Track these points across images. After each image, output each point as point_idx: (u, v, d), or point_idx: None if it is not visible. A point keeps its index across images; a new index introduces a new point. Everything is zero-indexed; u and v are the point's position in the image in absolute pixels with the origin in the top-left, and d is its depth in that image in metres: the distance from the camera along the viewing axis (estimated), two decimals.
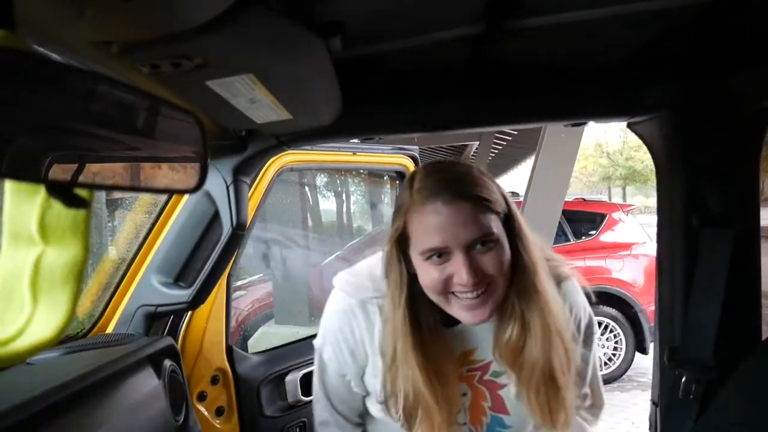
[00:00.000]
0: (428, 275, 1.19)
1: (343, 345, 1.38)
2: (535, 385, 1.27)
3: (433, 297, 1.22)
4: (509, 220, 1.23)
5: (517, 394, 1.32)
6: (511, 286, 1.24)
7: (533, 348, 1.24)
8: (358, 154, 2.57)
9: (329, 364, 1.42)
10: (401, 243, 1.25)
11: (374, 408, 1.42)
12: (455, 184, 1.18)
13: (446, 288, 1.19)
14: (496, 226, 1.18)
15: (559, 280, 1.35)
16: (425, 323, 1.27)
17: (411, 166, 2.79)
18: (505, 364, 1.30)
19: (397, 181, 3.04)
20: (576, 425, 1.44)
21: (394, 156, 2.76)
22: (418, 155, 2.83)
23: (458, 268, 1.15)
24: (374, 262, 1.38)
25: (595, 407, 1.51)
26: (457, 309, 1.21)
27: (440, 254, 1.17)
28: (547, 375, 1.25)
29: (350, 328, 1.37)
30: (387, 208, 3.04)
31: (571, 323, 1.37)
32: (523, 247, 1.24)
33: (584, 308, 1.41)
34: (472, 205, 1.15)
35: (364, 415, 1.52)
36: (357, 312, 1.36)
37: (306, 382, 2.24)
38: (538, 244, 1.29)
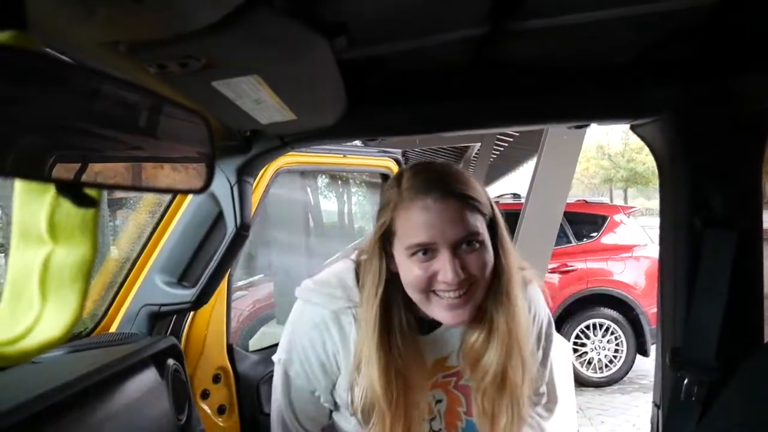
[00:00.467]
0: (412, 272, 1.19)
1: (314, 360, 1.34)
2: (483, 387, 1.28)
3: (414, 296, 1.22)
4: (493, 225, 1.24)
5: (473, 399, 1.32)
6: (488, 291, 1.24)
7: (493, 353, 1.24)
8: (347, 156, 2.66)
9: (296, 380, 1.37)
10: (385, 239, 1.25)
11: (344, 421, 1.40)
12: (445, 182, 1.18)
13: (429, 286, 1.18)
14: (482, 228, 1.19)
15: (524, 284, 1.35)
16: (396, 324, 1.25)
17: (394, 168, 2.90)
18: (466, 366, 1.31)
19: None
20: (535, 424, 1.48)
21: (379, 158, 2.86)
22: (401, 158, 2.96)
23: (444, 266, 1.15)
24: (341, 270, 1.37)
25: (550, 403, 1.53)
26: (437, 309, 1.20)
27: (426, 251, 1.17)
28: (498, 380, 1.25)
29: (321, 342, 1.32)
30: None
31: (534, 326, 1.39)
32: (504, 253, 1.24)
33: (545, 310, 1.43)
34: (461, 204, 1.16)
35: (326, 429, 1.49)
36: (330, 325, 1.32)
37: None
38: (515, 252, 1.29)
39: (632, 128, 1.40)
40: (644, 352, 6.43)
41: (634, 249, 6.69)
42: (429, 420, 1.36)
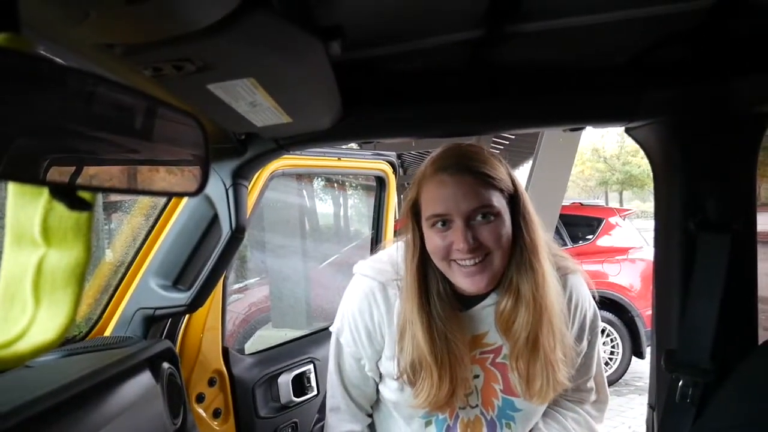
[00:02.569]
0: (432, 241, 1.31)
1: (362, 328, 1.46)
2: (517, 352, 1.37)
3: (439, 264, 1.33)
4: (515, 201, 1.34)
5: (509, 366, 1.40)
6: (510, 262, 1.34)
7: (521, 317, 1.33)
8: (342, 159, 2.69)
9: (346, 347, 1.51)
10: (415, 211, 1.37)
11: (388, 391, 1.49)
12: (463, 160, 1.31)
13: (447, 255, 1.30)
14: (498, 202, 1.29)
15: (564, 273, 1.44)
16: (434, 291, 1.37)
17: (389, 170, 2.95)
18: (502, 334, 1.40)
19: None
20: (582, 420, 1.54)
21: (374, 161, 2.90)
22: (396, 161, 3.01)
23: (457, 236, 1.27)
24: (392, 249, 1.49)
25: (600, 402, 1.60)
26: (457, 276, 1.31)
27: (444, 222, 1.29)
28: (530, 345, 1.34)
29: (369, 312, 1.45)
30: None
31: (577, 314, 1.46)
32: (526, 227, 1.34)
33: (589, 301, 1.50)
34: (475, 179, 1.28)
35: (374, 406, 1.60)
36: (377, 294, 1.45)
37: (297, 383, 2.26)
38: (543, 234, 1.38)
39: (627, 131, 1.41)
40: (639, 354, 6.44)
41: (629, 251, 6.70)
42: (466, 395, 1.43)
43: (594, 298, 1.51)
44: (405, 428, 1.51)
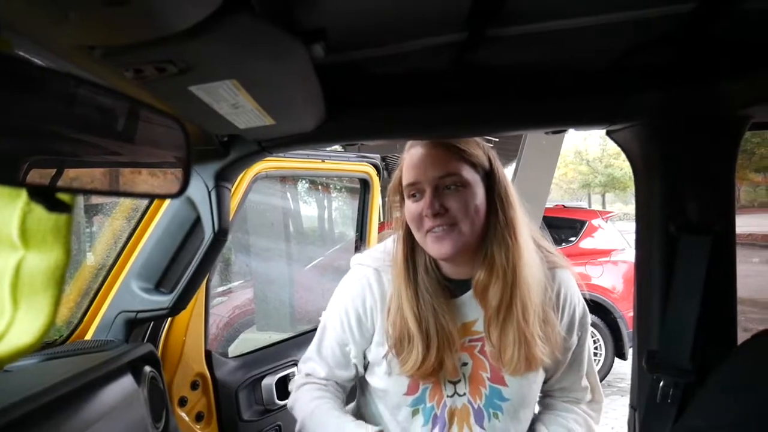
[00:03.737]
0: (409, 211, 1.40)
1: (352, 314, 1.50)
2: (489, 320, 1.41)
3: (416, 236, 1.41)
4: (491, 178, 1.42)
5: (484, 333, 1.44)
6: (487, 236, 1.40)
7: (495, 287, 1.38)
8: (326, 161, 2.71)
9: (331, 331, 1.56)
10: (400, 189, 1.44)
11: (376, 379, 1.51)
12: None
13: (421, 223, 1.37)
14: (468, 174, 1.37)
15: (553, 267, 1.49)
16: (421, 264, 1.44)
17: (373, 173, 2.98)
18: (478, 303, 1.44)
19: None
20: (582, 420, 1.57)
21: (358, 164, 2.93)
22: (380, 163, 3.04)
23: (425, 202, 1.35)
24: (388, 239, 1.54)
25: (596, 402, 1.63)
26: (429, 243, 1.37)
27: (417, 192, 1.38)
28: (502, 314, 1.39)
29: (362, 297, 1.50)
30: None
31: (567, 307, 1.50)
32: (501, 204, 1.41)
33: (578, 297, 1.53)
34: (444, 150, 1.37)
35: (360, 399, 1.65)
36: (371, 280, 1.50)
37: (281, 386, 2.25)
38: (523, 215, 1.46)
39: (608, 134, 1.42)
40: (622, 356, 6.49)
41: (612, 253, 6.75)
42: (454, 382, 1.46)
43: (584, 298, 1.54)
44: (391, 419, 1.51)
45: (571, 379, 1.57)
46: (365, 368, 1.56)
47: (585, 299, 1.54)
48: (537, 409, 1.62)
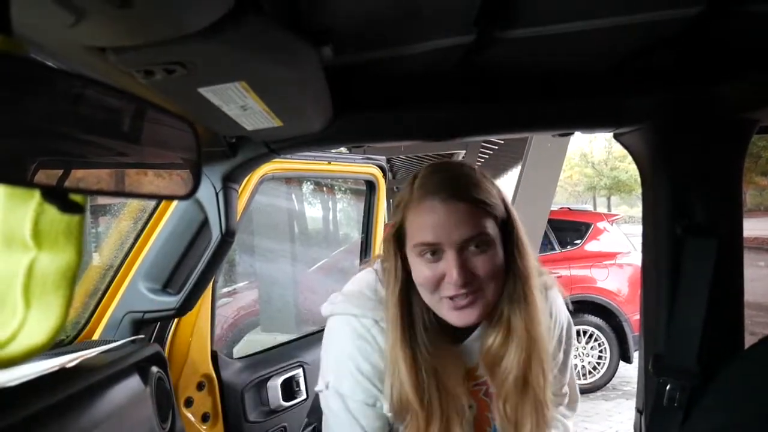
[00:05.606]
0: (421, 273, 1.20)
1: (365, 369, 1.28)
2: (505, 393, 1.27)
3: (425, 296, 1.22)
4: (507, 226, 1.24)
5: (497, 408, 1.30)
6: (503, 293, 1.24)
7: (512, 356, 1.24)
8: (332, 163, 2.70)
9: (353, 398, 1.29)
10: (399, 238, 1.26)
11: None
12: (454, 183, 1.19)
13: (437, 287, 1.19)
14: (492, 229, 1.19)
15: (544, 289, 1.36)
16: (420, 322, 1.25)
17: (379, 174, 2.96)
18: (487, 371, 1.30)
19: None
20: (560, 425, 1.49)
21: (364, 165, 2.91)
22: (386, 165, 3.02)
23: (449, 267, 1.16)
24: (370, 280, 1.36)
25: (572, 402, 1.55)
26: (446, 310, 1.20)
27: (433, 252, 1.18)
28: (519, 385, 1.25)
29: (369, 351, 1.28)
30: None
31: (555, 330, 1.39)
32: (519, 254, 1.24)
33: (565, 315, 1.44)
34: (469, 206, 1.17)
35: None
36: (375, 333, 1.29)
37: (287, 387, 2.25)
38: (534, 259, 1.29)
39: (615, 136, 1.42)
40: (627, 359, 6.47)
41: (617, 256, 6.73)
42: (453, 423, 1.32)
43: (567, 306, 1.45)
44: None
45: (555, 387, 1.45)
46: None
47: (587, 302, 1.50)
48: None
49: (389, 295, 1.27)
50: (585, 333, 6.44)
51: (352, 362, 1.29)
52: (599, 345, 6.46)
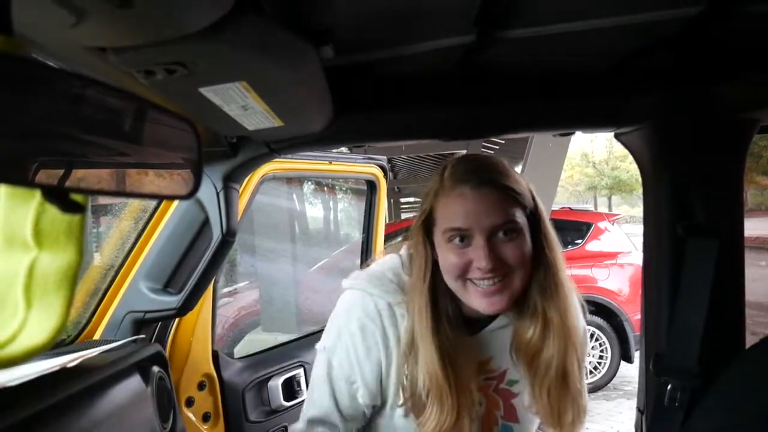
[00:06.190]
0: (448, 259, 1.22)
1: (361, 348, 1.32)
2: (548, 385, 1.29)
3: (452, 283, 1.24)
4: (535, 217, 1.26)
5: (530, 395, 1.33)
6: (532, 284, 1.26)
7: (551, 347, 1.26)
8: (333, 163, 2.69)
9: (337, 369, 1.35)
10: (427, 226, 1.28)
11: (391, 418, 1.37)
12: (485, 171, 1.22)
13: (464, 273, 1.21)
14: (520, 218, 1.21)
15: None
16: (444, 312, 1.27)
17: (380, 174, 2.95)
18: (523, 364, 1.32)
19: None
20: None
21: (365, 165, 2.90)
22: (386, 164, 3.01)
23: (478, 253, 1.18)
24: (394, 264, 1.39)
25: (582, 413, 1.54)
26: (473, 296, 1.22)
27: (462, 238, 1.20)
28: (560, 375, 1.27)
29: (372, 331, 1.32)
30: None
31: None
32: (548, 245, 1.27)
33: (582, 320, 1.44)
34: (498, 193, 1.19)
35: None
36: (384, 315, 1.32)
37: (287, 387, 2.25)
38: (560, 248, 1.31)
39: (616, 136, 1.42)
40: (628, 359, 6.46)
41: (618, 256, 6.73)
42: (466, 407, 1.34)
43: (584, 310, 1.45)
44: None
45: None
46: (374, 410, 1.40)
47: (588, 302, 1.50)
48: None
49: (416, 282, 1.29)
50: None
51: (351, 340, 1.32)
52: (600, 345, 6.46)
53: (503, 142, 10.37)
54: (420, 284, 1.28)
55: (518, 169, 6.25)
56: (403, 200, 20.65)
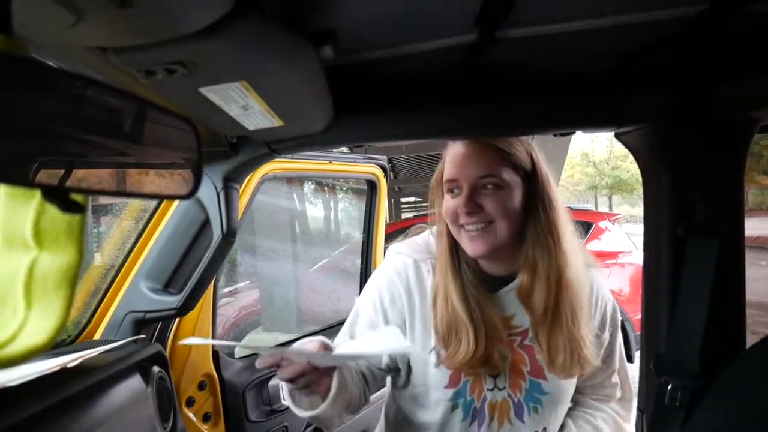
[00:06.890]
0: (445, 206, 1.41)
1: (386, 296, 1.49)
2: (536, 325, 1.42)
3: (452, 229, 1.41)
4: (533, 180, 1.41)
5: (531, 338, 1.44)
6: (527, 238, 1.39)
7: (538, 293, 1.38)
8: (333, 163, 2.72)
9: (363, 315, 1.53)
10: (440, 182, 1.45)
11: (420, 374, 1.47)
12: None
13: (457, 219, 1.37)
14: (508, 175, 1.36)
15: (587, 263, 1.49)
16: (463, 258, 1.44)
17: (380, 174, 2.99)
18: (524, 308, 1.44)
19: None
20: (610, 419, 1.57)
21: (365, 165, 2.94)
22: (387, 164, 3.04)
23: (461, 200, 1.35)
24: (425, 235, 1.58)
25: (626, 401, 1.63)
26: (464, 240, 1.38)
27: (455, 188, 1.39)
28: (549, 319, 1.39)
29: (397, 282, 1.49)
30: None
31: (599, 304, 1.52)
32: (543, 206, 1.39)
33: (608, 294, 1.56)
34: (485, 149, 1.37)
35: (389, 403, 1.63)
36: (410, 270, 1.50)
37: None
38: (566, 217, 1.44)
39: (617, 136, 1.42)
40: (629, 358, 6.46)
41: (618, 256, 6.73)
42: (494, 376, 1.45)
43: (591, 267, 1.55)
44: (429, 416, 1.48)
45: (602, 376, 1.58)
46: (398, 368, 1.54)
47: None
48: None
49: (438, 234, 1.47)
50: None
51: (377, 289, 1.51)
52: None
53: None
54: (442, 233, 1.45)
55: None
56: (403, 200, 20.63)
